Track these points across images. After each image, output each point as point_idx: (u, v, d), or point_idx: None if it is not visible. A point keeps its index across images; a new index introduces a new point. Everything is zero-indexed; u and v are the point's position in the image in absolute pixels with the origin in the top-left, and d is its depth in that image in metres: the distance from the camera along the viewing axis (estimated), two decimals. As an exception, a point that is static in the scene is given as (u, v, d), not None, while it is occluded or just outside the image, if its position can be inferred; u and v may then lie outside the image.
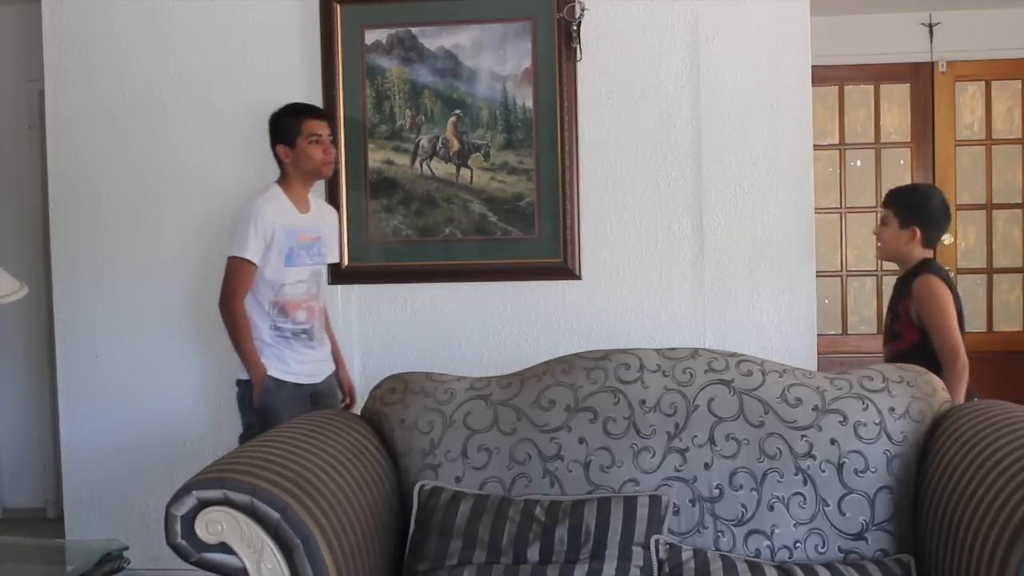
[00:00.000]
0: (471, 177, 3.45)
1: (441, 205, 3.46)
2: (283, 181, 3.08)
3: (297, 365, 3.05)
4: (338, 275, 3.41)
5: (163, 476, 3.08)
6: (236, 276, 2.98)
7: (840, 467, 2.15)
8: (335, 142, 3.41)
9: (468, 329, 3.48)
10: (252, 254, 2.94)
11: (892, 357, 3.12)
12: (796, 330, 3.38)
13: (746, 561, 2.05)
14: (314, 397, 3.11)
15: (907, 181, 4.99)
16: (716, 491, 2.18)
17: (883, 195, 4.95)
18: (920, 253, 3.08)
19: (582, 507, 2.10)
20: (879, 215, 3.24)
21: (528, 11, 3.39)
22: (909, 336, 3.03)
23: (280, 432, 2.19)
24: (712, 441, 2.22)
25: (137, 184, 3.59)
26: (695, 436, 2.22)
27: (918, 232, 3.05)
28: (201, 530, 1.82)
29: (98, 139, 3.60)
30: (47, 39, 3.62)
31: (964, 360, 2.89)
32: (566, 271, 3.42)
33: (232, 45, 3.54)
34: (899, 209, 3.10)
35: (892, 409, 2.20)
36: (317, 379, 3.13)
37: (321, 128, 3.06)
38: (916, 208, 3.09)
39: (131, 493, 3.54)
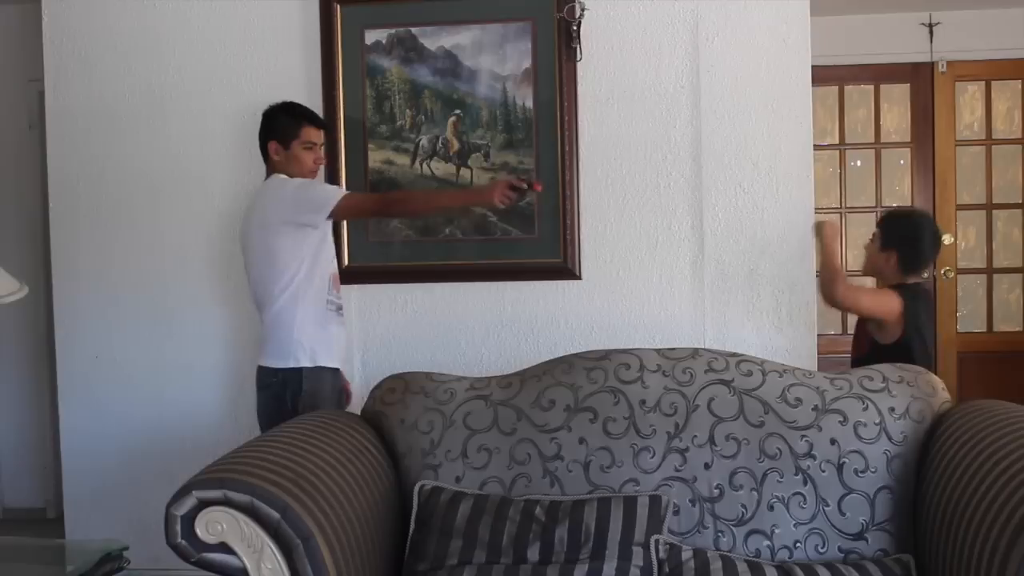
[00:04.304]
0: (471, 177, 3.45)
1: (441, 203, 3.46)
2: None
3: (337, 350, 3.03)
4: (338, 275, 3.40)
5: (163, 476, 3.06)
6: (358, 199, 3.10)
7: (840, 467, 2.15)
8: (336, 143, 3.43)
9: (468, 329, 3.48)
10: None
11: (854, 355, 3.17)
12: (796, 330, 3.38)
13: (746, 561, 2.05)
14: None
15: (907, 181, 5.01)
16: (716, 491, 2.18)
17: (882, 195, 5.01)
18: (895, 277, 3.11)
19: (582, 507, 2.10)
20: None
21: (528, 11, 3.39)
22: (863, 346, 3.10)
23: (280, 432, 2.19)
24: (712, 441, 2.22)
25: (137, 184, 3.58)
26: (695, 436, 2.22)
27: (893, 258, 3.09)
28: (201, 530, 1.82)
29: (98, 139, 3.60)
30: (47, 39, 3.62)
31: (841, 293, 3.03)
32: (566, 271, 3.41)
33: (232, 45, 3.54)
34: (884, 231, 3.16)
35: (892, 409, 2.20)
36: (341, 365, 3.10)
37: (317, 136, 3.06)
38: (898, 236, 3.12)
39: (131, 493, 3.53)
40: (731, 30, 3.36)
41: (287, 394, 2.91)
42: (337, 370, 3.03)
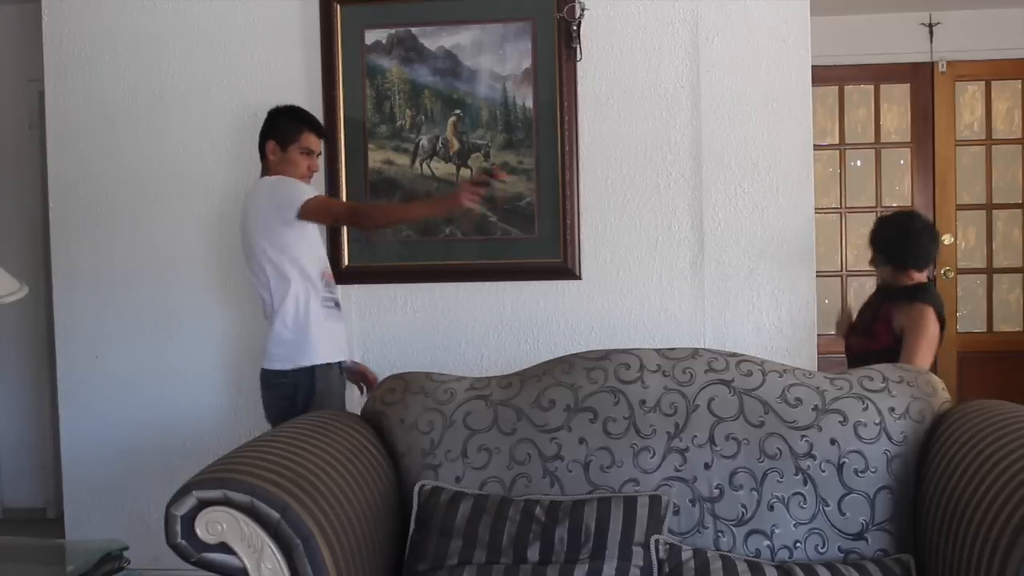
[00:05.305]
0: (471, 177, 3.45)
1: (439, 205, 3.46)
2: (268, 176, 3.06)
3: (339, 344, 3.04)
4: (338, 275, 3.39)
5: (163, 476, 3.07)
6: (325, 202, 3.09)
7: (840, 467, 2.15)
8: (336, 144, 3.42)
9: (468, 329, 3.48)
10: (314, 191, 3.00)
11: (860, 350, 3.14)
12: (796, 330, 3.38)
13: (746, 561, 2.05)
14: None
15: (907, 181, 5.01)
16: (716, 491, 2.18)
17: (882, 195, 5.00)
18: (917, 278, 3.15)
19: (582, 507, 2.10)
20: (872, 257, 3.25)
21: (528, 11, 3.39)
22: (883, 340, 3.06)
23: (280, 432, 2.19)
24: (712, 441, 2.22)
25: (137, 184, 3.59)
26: (695, 436, 2.22)
27: (913, 272, 3.13)
28: (201, 530, 1.82)
29: (98, 139, 3.60)
30: (47, 39, 3.62)
31: None
32: (566, 271, 3.42)
33: (232, 45, 3.54)
34: (888, 256, 3.15)
35: (892, 409, 2.20)
36: (346, 356, 3.11)
37: (316, 144, 3.07)
38: (904, 252, 3.13)
39: (131, 493, 3.54)
40: (731, 30, 3.37)
41: (298, 395, 2.92)
42: (340, 363, 3.04)
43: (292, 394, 2.93)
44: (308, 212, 2.92)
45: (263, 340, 3.01)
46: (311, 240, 2.99)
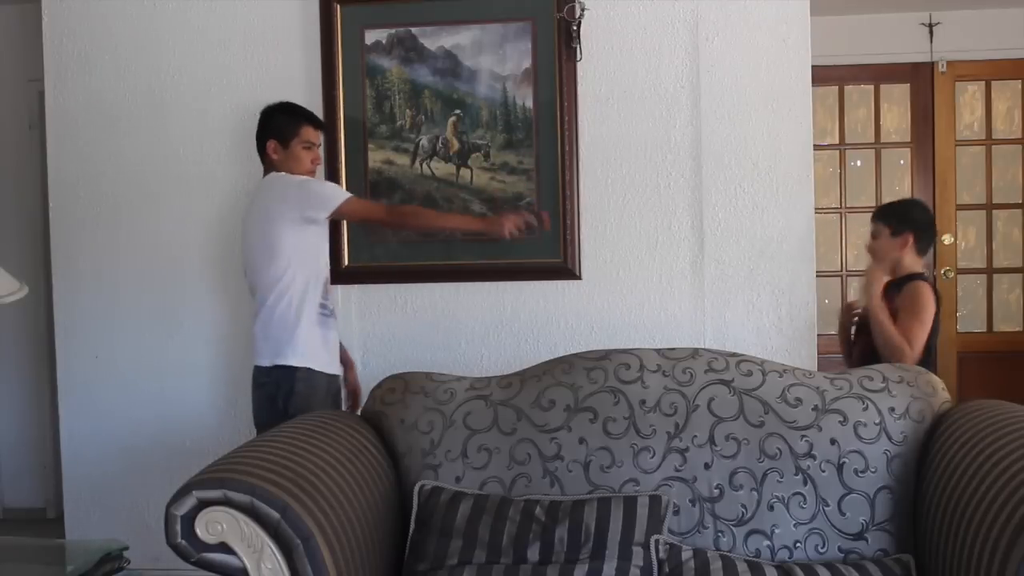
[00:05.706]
0: (471, 177, 3.45)
1: (441, 205, 3.46)
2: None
3: (332, 353, 3.02)
4: (338, 275, 3.40)
5: (163, 476, 3.07)
6: (362, 204, 3.13)
7: (840, 467, 2.15)
8: (336, 143, 3.43)
9: (468, 329, 3.48)
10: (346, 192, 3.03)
11: (864, 349, 3.12)
12: (796, 330, 3.38)
13: (746, 561, 2.05)
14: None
15: (907, 181, 5.02)
16: (716, 491, 2.18)
17: (882, 195, 5.01)
18: (912, 261, 3.11)
19: (582, 507, 2.10)
20: (871, 232, 3.26)
21: (528, 11, 3.39)
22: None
23: (280, 432, 2.19)
24: (712, 441, 2.22)
25: (137, 184, 3.59)
26: (695, 436, 2.22)
27: (911, 238, 3.10)
28: (201, 530, 1.82)
29: (98, 139, 3.60)
30: (47, 39, 3.62)
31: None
32: (566, 271, 3.41)
33: (232, 45, 3.54)
34: (889, 220, 3.15)
35: (892, 409, 2.20)
36: (339, 371, 3.10)
37: (316, 137, 3.07)
38: (905, 217, 3.16)
39: (131, 493, 3.54)
40: (731, 30, 3.37)
41: (279, 394, 2.90)
42: (333, 376, 3.02)
43: (274, 394, 2.91)
44: (344, 213, 2.99)
45: (253, 335, 2.99)
46: (321, 243, 2.99)
